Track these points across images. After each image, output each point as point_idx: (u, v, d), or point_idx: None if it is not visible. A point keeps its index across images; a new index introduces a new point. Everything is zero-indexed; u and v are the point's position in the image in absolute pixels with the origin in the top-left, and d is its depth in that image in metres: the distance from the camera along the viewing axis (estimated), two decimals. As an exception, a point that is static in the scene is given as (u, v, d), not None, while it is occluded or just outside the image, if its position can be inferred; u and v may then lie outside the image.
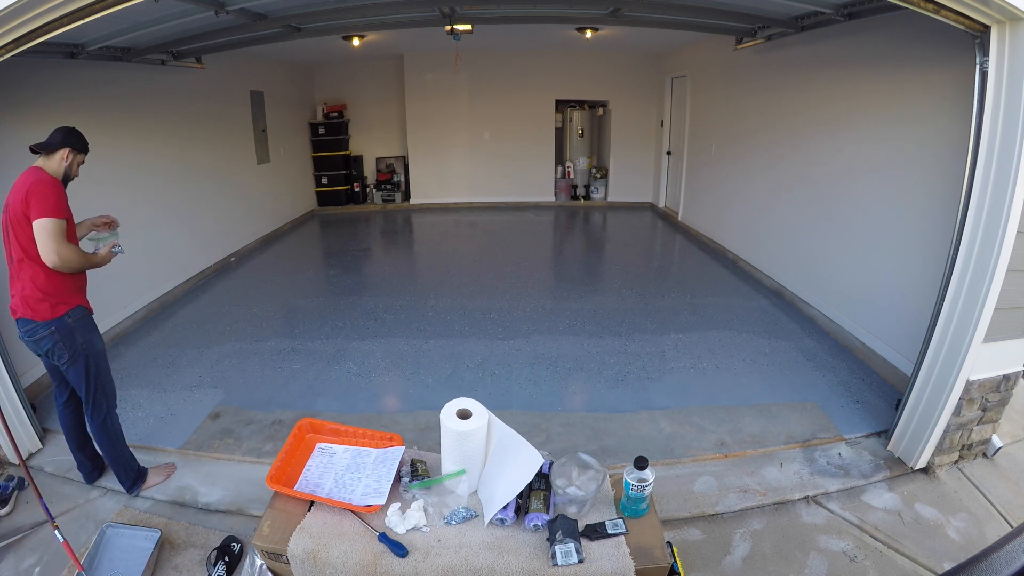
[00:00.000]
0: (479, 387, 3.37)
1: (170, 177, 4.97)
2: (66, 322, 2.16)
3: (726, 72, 5.91)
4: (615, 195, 8.98)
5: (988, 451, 2.72)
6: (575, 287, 5.34)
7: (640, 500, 1.57)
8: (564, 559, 1.42)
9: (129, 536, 2.15)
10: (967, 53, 2.26)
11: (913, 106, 3.22)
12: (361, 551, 1.49)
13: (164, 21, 3.40)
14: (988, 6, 1.99)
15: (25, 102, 3.34)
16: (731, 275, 5.40)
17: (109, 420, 2.35)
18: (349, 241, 7.14)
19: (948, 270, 2.36)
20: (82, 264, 2.16)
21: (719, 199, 6.25)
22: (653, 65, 8.22)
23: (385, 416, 3.12)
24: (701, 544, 2.25)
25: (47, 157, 2.16)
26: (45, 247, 2.01)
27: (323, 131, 8.46)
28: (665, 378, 3.44)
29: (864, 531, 2.30)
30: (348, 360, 3.71)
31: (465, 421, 1.62)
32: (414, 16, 4.37)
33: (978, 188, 2.21)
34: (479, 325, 4.26)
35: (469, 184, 8.95)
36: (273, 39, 4.59)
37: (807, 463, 2.66)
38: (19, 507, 2.43)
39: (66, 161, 2.17)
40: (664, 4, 3.98)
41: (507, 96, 8.45)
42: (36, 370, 3.29)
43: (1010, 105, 2.07)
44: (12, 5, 1.92)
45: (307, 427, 1.95)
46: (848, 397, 3.18)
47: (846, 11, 3.36)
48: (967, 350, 2.32)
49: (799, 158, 4.50)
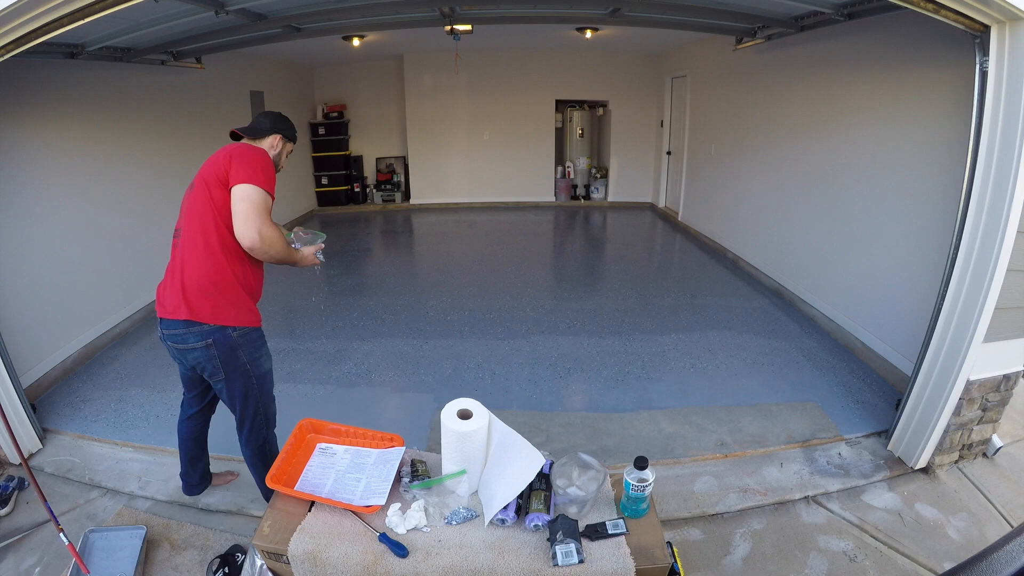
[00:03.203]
0: (479, 387, 3.37)
1: (170, 177, 4.95)
2: (228, 335, 1.77)
3: (726, 72, 5.91)
4: (615, 195, 8.99)
5: (988, 451, 2.72)
6: (575, 287, 5.34)
7: (640, 500, 1.57)
8: (565, 559, 1.42)
9: (114, 538, 2.13)
10: (967, 53, 2.26)
11: (913, 106, 3.22)
12: (362, 551, 1.49)
13: (164, 21, 3.40)
14: (988, 6, 1.99)
15: (25, 102, 3.34)
16: (731, 275, 5.40)
17: (268, 445, 2.07)
18: (349, 241, 7.15)
19: (948, 270, 2.36)
20: (283, 254, 1.77)
21: (719, 199, 6.25)
22: (653, 65, 8.22)
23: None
24: (701, 544, 2.25)
25: (253, 142, 1.87)
26: (245, 220, 1.62)
27: (323, 131, 8.46)
28: (665, 378, 3.44)
29: (864, 531, 2.30)
30: (348, 360, 3.71)
31: (466, 421, 1.62)
32: (414, 16, 4.37)
33: (978, 188, 2.20)
34: (479, 325, 4.26)
35: (469, 184, 8.95)
36: (273, 39, 4.59)
37: (807, 463, 2.66)
38: (19, 507, 2.42)
39: (275, 149, 1.89)
40: (664, 4, 3.98)
41: (507, 96, 8.45)
42: (36, 370, 3.30)
43: (1010, 105, 2.07)
44: (12, 5, 1.91)
45: (308, 427, 1.95)
46: (848, 397, 3.19)
47: (846, 11, 3.36)
48: (967, 350, 2.32)
49: (799, 158, 4.50)
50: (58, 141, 3.57)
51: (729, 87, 5.86)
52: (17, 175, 3.27)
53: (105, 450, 2.80)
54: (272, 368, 2.05)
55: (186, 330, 1.77)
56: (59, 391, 3.35)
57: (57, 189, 3.55)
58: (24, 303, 3.23)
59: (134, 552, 2.07)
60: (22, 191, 3.29)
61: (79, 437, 2.90)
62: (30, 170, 3.35)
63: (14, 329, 3.00)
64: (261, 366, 1.94)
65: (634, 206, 8.86)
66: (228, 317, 1.77)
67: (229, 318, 1.77)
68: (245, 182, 1.64)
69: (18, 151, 3.30)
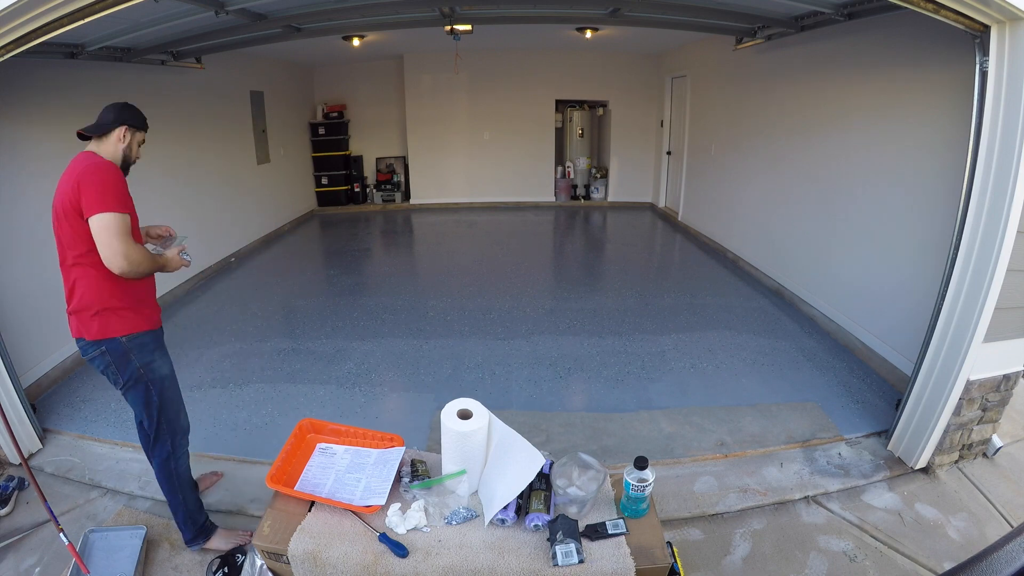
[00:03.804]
0: (479, 387, 3.37)
1: (170, 177, 4.96)
2: (119, 343, 1.81)
3: (726, 72, 5.91)
4: (615, 195, 8.99)
5: (988, 451, 2.72)
6: (575, 287, 5.34)
7: (640, 500, 1.57)
8: (565, 559, 1.42)
9: (114, 538, 2.14)
10: (967, 53, 2.26)
11: (913, 106, 3.22)
12: (362, 551, 1.49)
13: (164, 21, 3.40)
14: (988, 6, 1.99)
15: (25, 102, 3.34)
16: (731, 275, 5.40)
17: (173, 461, 2.01)
18: (349, 241, 7.15)
19: (948, 270, 2.36)
20: (151, 268, 1.80)
21: (719, 199, 6.25)
22: (653, 65, 8.22)
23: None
24: (701, 544, 2.25)
25: (100, 140, 1.82)
26: (109, 249, 1.65)
27: (323, 131, 8.46)
28: (665, 378, 3.44)
29: (864, 531, 2.30)
30: (348, 360, 3.71)
31: (466, 421, 1.62)
32: (414, 16, 4.37)
33: (978, 188, 2.20)
34: (479, 325, 4.26)
35: (469, 184, 8.95)
36: (273, 39, 4.59)
37: (807, 463, 2.66)
38: (19, 507, 2.42)
39: (123, 142, 1.83)
40: (664, 4, 3.98)
41: (507, 96, 8.45)
42: (36, 370, 3.30)
43: (1010, 105, 2.07)
44: (12, 5, 1.91)
45: (308, 427, 1.95)
46: (848, 397, 3.18)
47: (846, 11, 3.36)
48: (967, 350, 2.32)
49: (799, 158, 4.50)
50: (58, 141, 3.57)
51: (729, 87, 5.86)
52: (17, 175, 3.27)
53: (105, 450, 2.80)
54: (172, 373, 2.00)
55: (86, 344, 1.84)
56: (59, 391, 3.35)
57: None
58: (24, 303, 3.23)
59: (134, 552, 2.07)
60: (22, 191, 3.29)
61: (79, 437, 2.90)
62: (30, 170, 3.35)
63: (14, 329, 3.00)
64: (155, 371, 1.90)
65: (634, 206, 8.86)
66: (115, 328, 1.81)
67: (116, 329, 1.81)
68: (98, 211, 1.64)
69: (18, 151, 3.30)
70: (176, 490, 2.04)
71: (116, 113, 1.82)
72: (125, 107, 1.85)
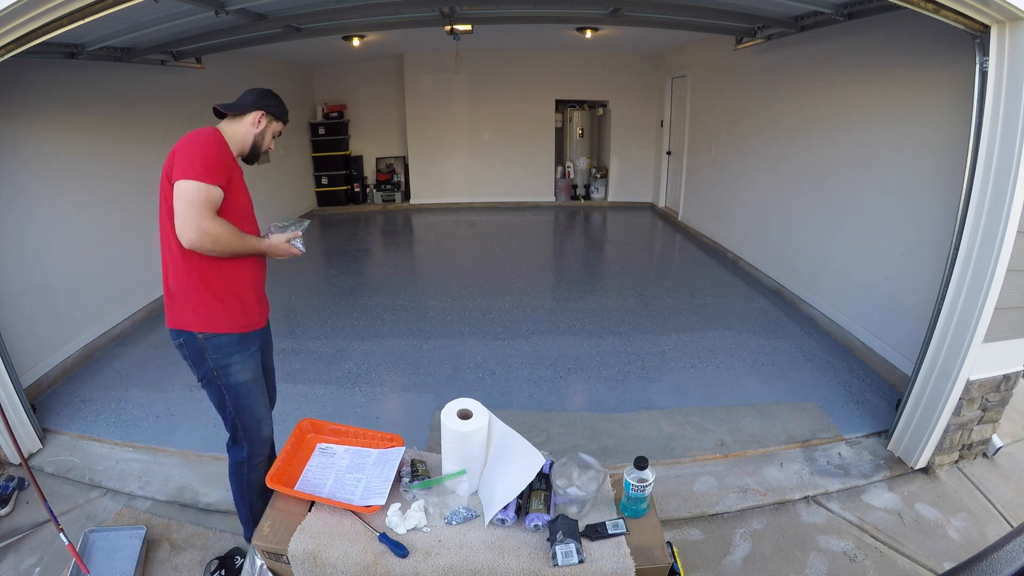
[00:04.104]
0: (479, 387, 3.37)
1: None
2: (195, 339, 1.67)
3: (726, 72, 5.91)
4: (615, 195, 8.98)
5: (988, 451, 2.72)
6: (575, 287, 5.34)
7: (640, 500, 1.57)
8: (565, 559, 1.42)
9: (114, 538, 2.13)
10: (967, 53, 2.26)
11: (913, 106, 3.22)
12: (362, 551, 1.49)
13: (164, 21, 3.40)
14: (988, 6, 1.99)
15: (25, 102, 3.34)
16: (731, 275, 5.40)
17: (247, 467, 1.88)
18: (349, 241, 7.14)
19: (948, 270, 2.36)
20: (235, 245, 1.60)
21: (719, 199, 6.25)
22: (653, 65, 8.22)
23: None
24: (701, 544, 2.25)
25: (233, 120, 1.74)
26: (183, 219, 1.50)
27: (323, 131, 8.45)
28: (665, 378, 3.44)
29: (864, 531, 2.30)
30: (348, 360, 3.71)
31: (466, 421, 1.62)
32: (414, 16, 4.37)
33: (978, 188, 2.21)
34: (479, 325, 4.26)
35: (469, 184, 8.95)
36: (273, 39, 4.59)
37: (807, 463, 2.66)
38: (19, 507, 2.42)
39: (257, 127, 1.74)
40: (664, 4, 3.98)
41: (507, 96, 8.44)
42: (36, 370, 3.30)
43: (1010, 105, 2.07)
44: (12, 5, 1.91)
45: (308, 427, 1.95)
46: (848, 397, 3.19)
47: (846, 11, 3.36)
48: (967, 350, 2.32)
49: (799, 158, 4.50)
50: (58, 141, 3.57)
51: (729, 87, 5.86)
52: (17, 175, 3.27)
53: (105, 450, 2.80)
54: (253, 378, 1.83)
55: (169, 331, 1.73)
56: (59, 391, 3.35)
57: (57, 189, 3.55)
58: (24, 303, 3.23)
59: (134, 552, 2.07)
60: (22, 191, 3.29)
61: (79, 437, 2.90)
62: (30, 170, 3.35)
63: (14, 329, 3.00)
64: (230, 376, 1.74)
65: (634, 206, 8.86)
66: (190, 322, 1.67)
67: (191, 323, 1.67)
68: (181, 178, 1.51)
69: (18, 151, 3.30)
70: (244, 495, 1.93)
71: (256, 97, 1.75)
72: (267, 93, 1.77)
